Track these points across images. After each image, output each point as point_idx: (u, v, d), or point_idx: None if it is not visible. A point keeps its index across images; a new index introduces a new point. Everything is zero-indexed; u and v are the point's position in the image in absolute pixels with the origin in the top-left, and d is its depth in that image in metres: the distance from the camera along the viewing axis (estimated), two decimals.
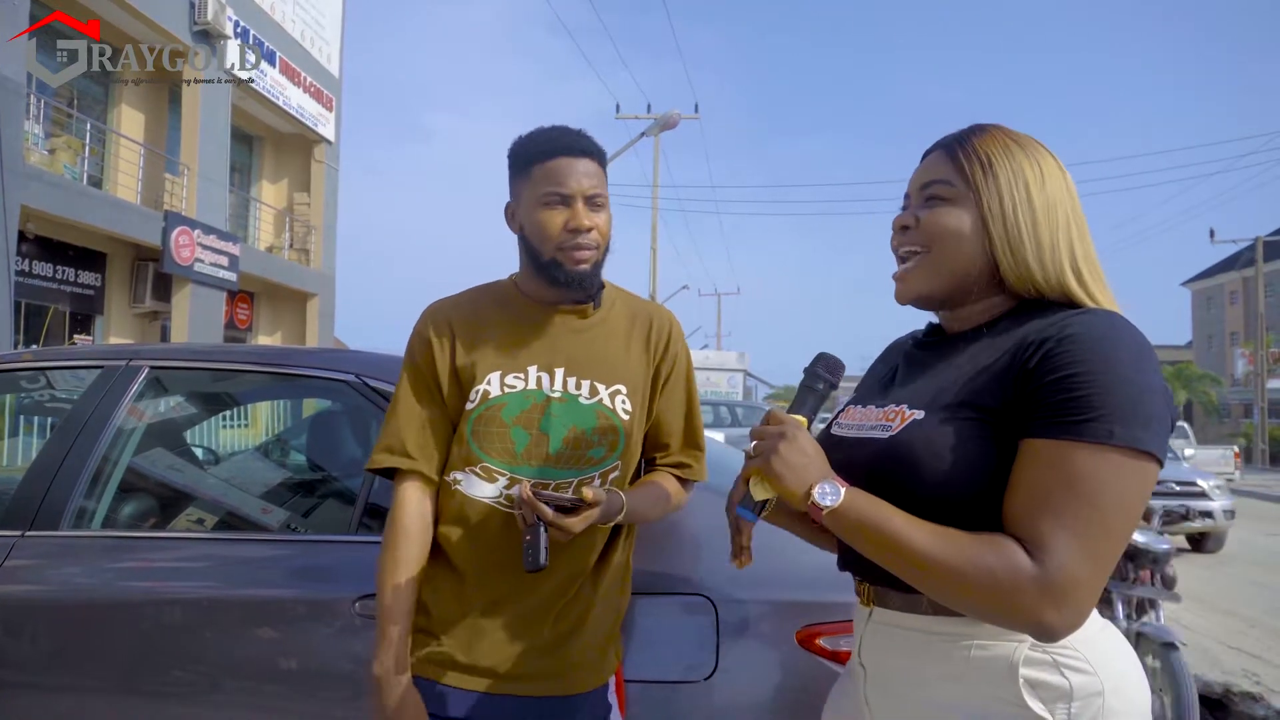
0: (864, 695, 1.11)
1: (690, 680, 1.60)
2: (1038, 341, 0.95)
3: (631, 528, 1.52)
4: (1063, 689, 0.95)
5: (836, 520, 0.96)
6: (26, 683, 1.82)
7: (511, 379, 1.42)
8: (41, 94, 11.98)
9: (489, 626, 1.39)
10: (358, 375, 1.96)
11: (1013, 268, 1.03)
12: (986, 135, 1.07)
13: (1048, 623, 0.87)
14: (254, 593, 1.79)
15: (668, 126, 17.22)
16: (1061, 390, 0.91)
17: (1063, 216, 1.04)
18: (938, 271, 1.07)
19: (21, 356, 2.33)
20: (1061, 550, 0.87)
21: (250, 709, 1.75)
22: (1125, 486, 0.89)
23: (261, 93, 14.99)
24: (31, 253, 11.74)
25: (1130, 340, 0.94)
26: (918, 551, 0.92)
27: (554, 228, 1.38)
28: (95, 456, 1.97)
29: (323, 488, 2.40)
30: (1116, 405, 0.89)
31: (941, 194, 1.06)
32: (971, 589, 0.89)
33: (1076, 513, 0.88)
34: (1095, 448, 0.88)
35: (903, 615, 1.05)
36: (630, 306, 1.53)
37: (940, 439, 0.98)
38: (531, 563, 1.25)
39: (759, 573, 1.67)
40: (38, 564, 1.88)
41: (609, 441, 1.42)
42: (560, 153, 1.38)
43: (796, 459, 0.99)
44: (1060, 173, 1.06)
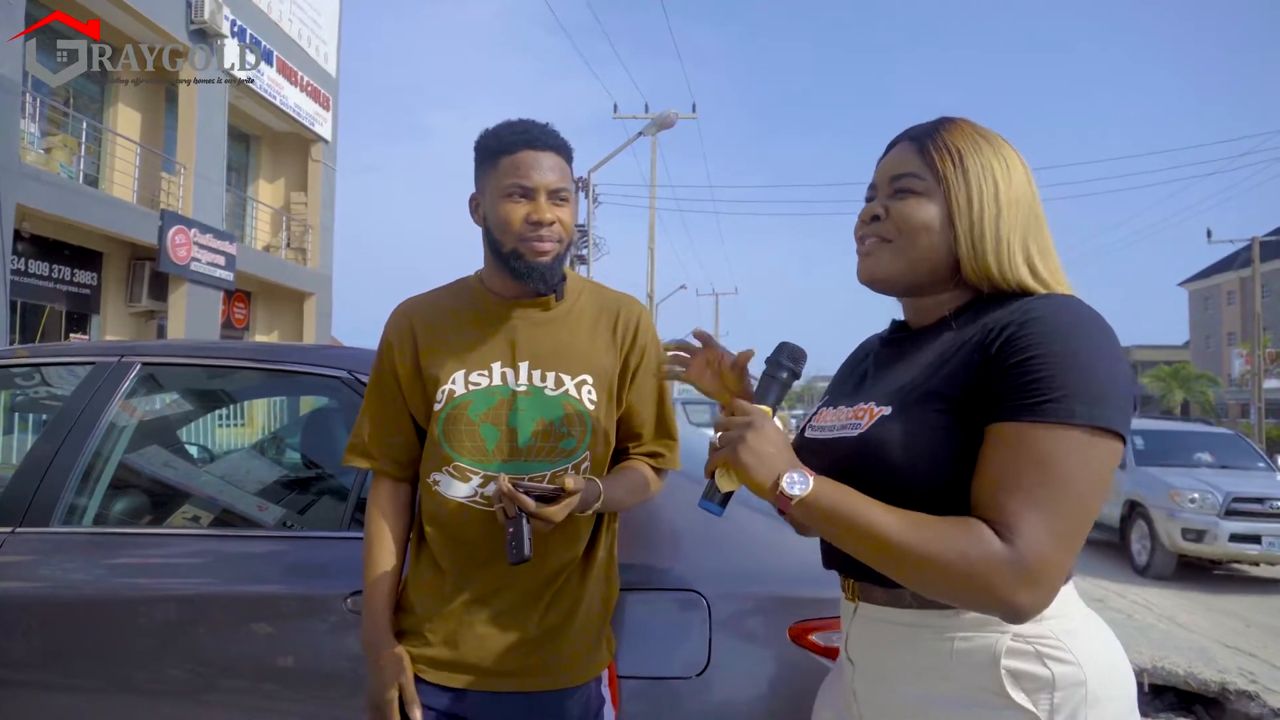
0: (852, 688, 1.11)
1: (683, 676, 1.59)
2: (999, 327, 0.97)
3: (613, 519, 1.53)
4: (1045, 679, 0.95)
5: (806, 510, 0.96)
6: (16, 680, 1.81)
7: (476, 376, 1.42)
8: (38, 93, 11.95)
9: (475, 623, 1.39)
10: (350, 372, 1.96)
11: (972, 262, 1.05)
12: (956, 129, 1.08)
13: (1020, 603, 0.88)
14: (246, 589, 1.78)
15: (665, 126, 17.22)
16: (1023, 373, 0.92)
17: (1024, 212, 1.05)
18: (902, 260, 1.08)
19: (16, 353, 2.32)
20: (1031, 530, 0.88)
21: (241, 707, 1.75)
22: (1090, 464, 0.90)
23: (258, 92, 14.97)
24: (27, 252, 11.70)
25: (1090, 322, 0.95)
26: (889, 538, 0.92)
27: (515, 220, 1.38)
28: (86, 453, 1.97)
29: (316, 485, 2.39)
30: (1077, 384, 0.90)
31: (912, 187, 1.07)
32: (945, 573, 0.89)
33: (1043, 493, 0.89)
34: (1058, 427, 0.90)
35: (887, 610, 1.06)
36: (597, 297, 1.53)
37: (908, 432, 0.99)
38: (516, 555, 1.25)
39: (751, 568, 1.69)
40: (28, 561, 1.87)
41: (577, 432, 1.42)
42: (525, 146, 1.38)
43: (764, 448, 0.98)
44: (1023, 168, 1.08)
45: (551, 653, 1.40)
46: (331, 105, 17.50)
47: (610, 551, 1.52)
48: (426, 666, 1.40)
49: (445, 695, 1.39)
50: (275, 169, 17.81)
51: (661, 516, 1.72)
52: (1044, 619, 0.97)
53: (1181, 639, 5.42)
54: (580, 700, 1.42)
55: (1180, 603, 6.94)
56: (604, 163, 18.31)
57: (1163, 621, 6.02)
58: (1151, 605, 6.75)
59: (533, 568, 1.39)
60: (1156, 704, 4.55)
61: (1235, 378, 39.97)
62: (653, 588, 1.65)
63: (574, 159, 1.46)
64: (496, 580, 1.40)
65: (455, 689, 1.39)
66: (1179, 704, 4.55)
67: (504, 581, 1.40)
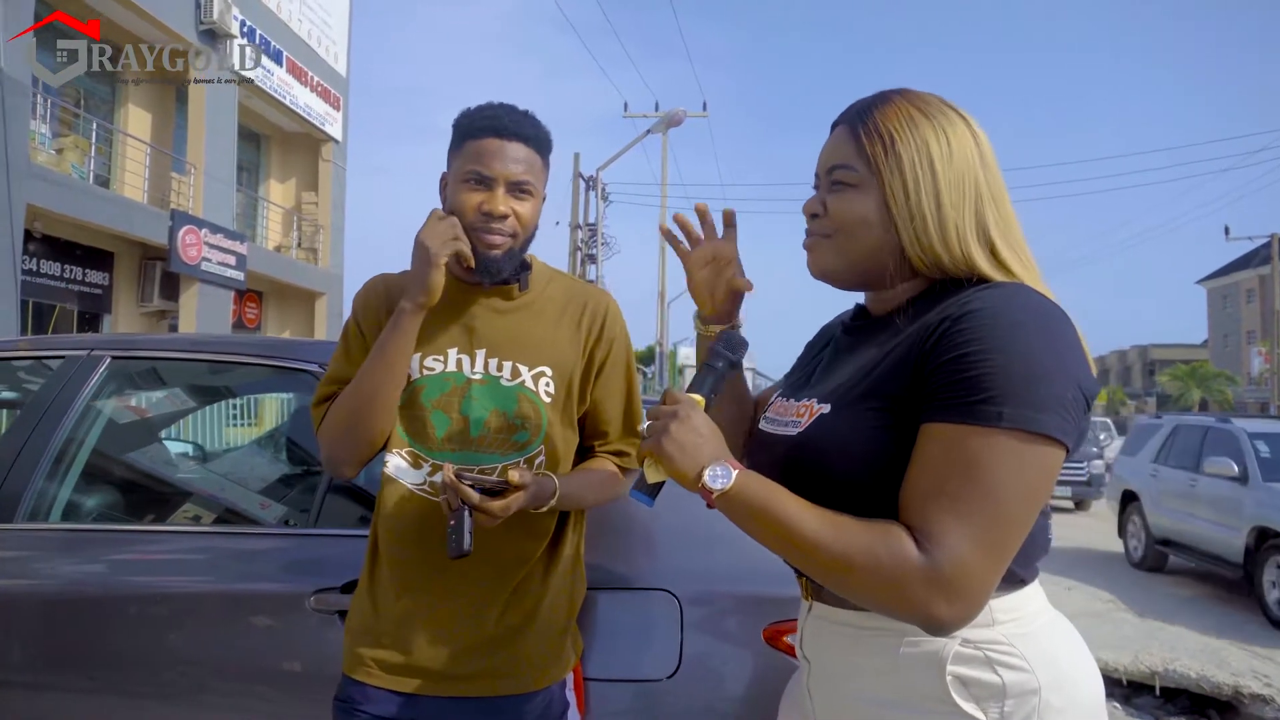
0: (807, 687, 1.08)
1: (652, 679, 1.54)
2: (937, 322, 0.90)
3: (580, 516, 1.47)
4: (995, 686, 0.90)
5: (727, 504, 0.91)
6: None
7: (431, 361, 1.37)
8: (48, 94, 12.03)
9: (428, 624, 1.34)
10: (320, 365, 1.92)
11: (917, 252, 0.97)
12: (889, 107, 1.00)
13: (937, 615, 0.82)
14: (211, 586, 1.75)
15: (674, 124, 17.17)
16: (955, 370, 0.86)
17: (970, 190, 0.97)
18: (843, 257, 1.02)
19: (18, 345, 2.29)
20: (950, 540, 0.82)
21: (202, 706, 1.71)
22: (1018, 472, 0.84)
23: (268, 92, 15.01)
24: (39, 252, 11.78)
25: (1031, 315, 0.88)
26: (806, 538, 0.87)
27: (469, 208, 1.33)
28: (53, 448, 1.93)
29: (286, 480, 2.35)
30: (1008, 385, 0.84)
31: (845, 179, 1.00)
32: (858, 578, 0.85)
33: (967, 500, 0.83)
34: (985, 430, 0.84)
35: (836, 610, 1.01)
36: (566, 289, 1.47)
37: (844, 432, 0.94)
38: (455, 549, 1.20)
39: (725, 567, 1.62)
40: None
41: (532, 425, 1.37)
42: (492, 132, 1.33)
43: (688, 439, 0.93)
44: (969, 137, 0.99)
45: (511, 655, 1.34)
46: (341, 105, 17.54)
47: (577, 549, 1.47)
48: (377, 669, 1.34)
49: (396, 700, 1.33)
50: (286, 169, 17.87)
51: (633, 513, 1.67)
52: (996, 623, 0.92)
53: (1192, 641, 5.31)
54: (541, 704, 1.36)
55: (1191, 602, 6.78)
56: (613, 160, 18.27)
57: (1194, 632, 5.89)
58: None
59: (490, 564, 1.34)
60: (1169, 708, 4.47)
61: (1255, 376, 39.46)
62: (623, 587, 1.59)
63: (550, 150, 1.40)
64: (451, 578, 1.34)
65: (406, 694, 1.33)
66: (1192, 708, 4.46)
67: (460, 580, 1.34)
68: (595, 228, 19.60)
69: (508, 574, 1.36)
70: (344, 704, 1.36)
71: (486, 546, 1.30)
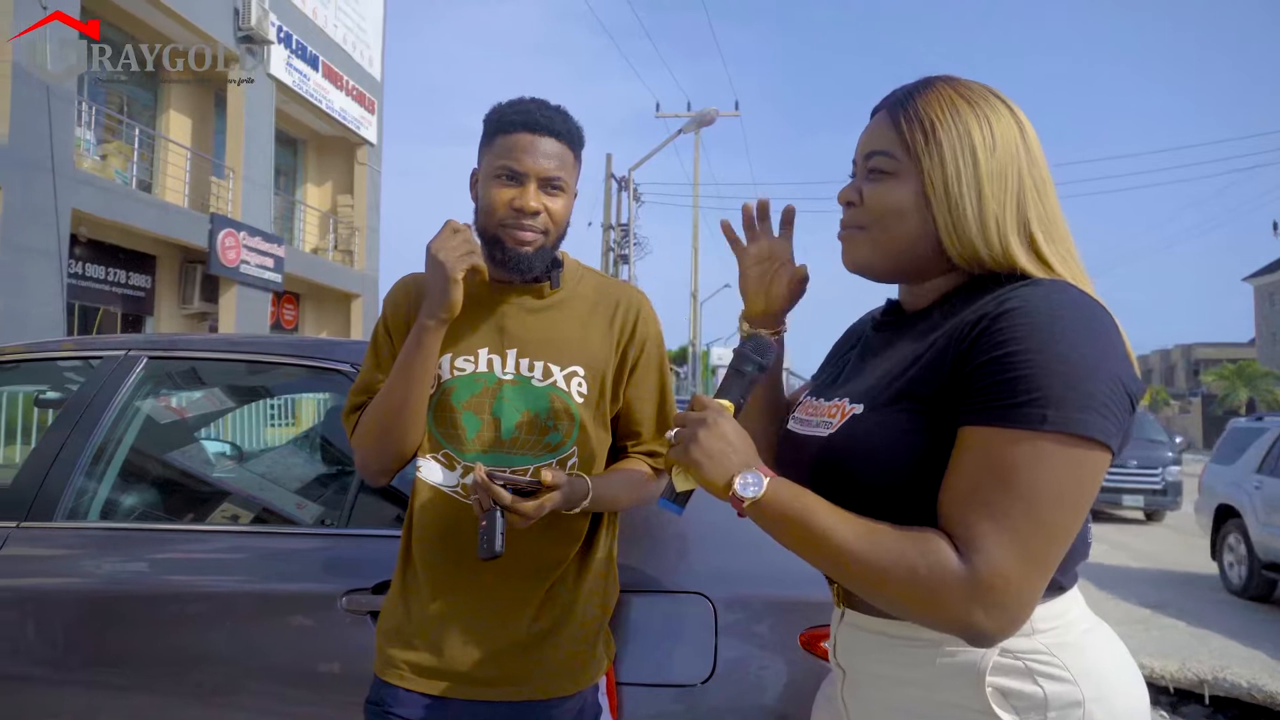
0: (841, 697, 1.04)
1: (686, 684, 1.51)
2: (974, 320, 0.86)
3: (613, 517, 1.44)
4: (1036, 698, 0.86)
5: (759, 513, 0.88)
6: (18, 674, 1.80)
7: (462, 361, 1.36)
8: (93, 101, 12.31)
9: (460, 627, 1.32)
10: (352, 365, 1.92)
11: (955, 244, 0.93)
12: (931, 94, 0.95)
13: (977, 625, 0.79)
14: (244, 586, 1.75)
15: (706, 123, 17.11)
16: (993, 372, 0.82)
17: (1013, 181, 0.92)
18: (878, 249, 0.98)
19: (62, 345, 2.33)
20: (991, 548, 0.79)
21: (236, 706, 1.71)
22: (1062, 477, 0.80)
23: (305, 96, 15.23)
24: (84, 256, 12.05)
25: (1074, 314, 0.83)
26: (841, 548, 0.84)
27: (500, 204, 1.31)
28: (91, 447, 1.95)
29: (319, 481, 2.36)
30: (1051, 386, 0.79)
31: (882, 167, 0.96)
32: (895, 588, 0.82)
33: (1008, 507, 0.79)
34: (1027, 434, 0.80)
35: (869, 618, 0.98)
36: (598, 287, 1.45)
37: (876, 434, 0.91)
38: (486, 550, 1.18)
39: (760, 570, 1.59)
40: (30, 556, 1.86)
41: (564, 426, 1.35)
42: (524, 128, 1.31)
43: (717, 446, 0.91)
44: (1014, 127, 0.94)
45: (542, 659, 1.32)
46: (376, 109, 17.74)
47: (609, 552, 1.44)
48: (409, 672, 1.33)
49: (427, 703, 1.32)
50: (322, 172, 18.12)
51: (666, 515, 1.63)
52: (1036, 632, 0.88)
53: (1240, 651, 5.15)
54: (573, 709, 1.34)
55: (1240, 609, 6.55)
56: (645, 160, 18.26)
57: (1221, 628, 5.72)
58: None
59: (523, 568, 1.32)
60: (1218, 718, 4.34)
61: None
62: (656, 590, 1.57)
63: (582, 145, 1.38)
64: (484, 581, 1.33)
65: (437, 696, 1.32)
66: (1242, 719, 4.33)
67: (492, 583, 1.32)
68: (628, 228, 19.60)
69: (540, 577, 1.34)
70: (375, 707, 1.35)
71: (519, 550, 1.28)
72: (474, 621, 1.33)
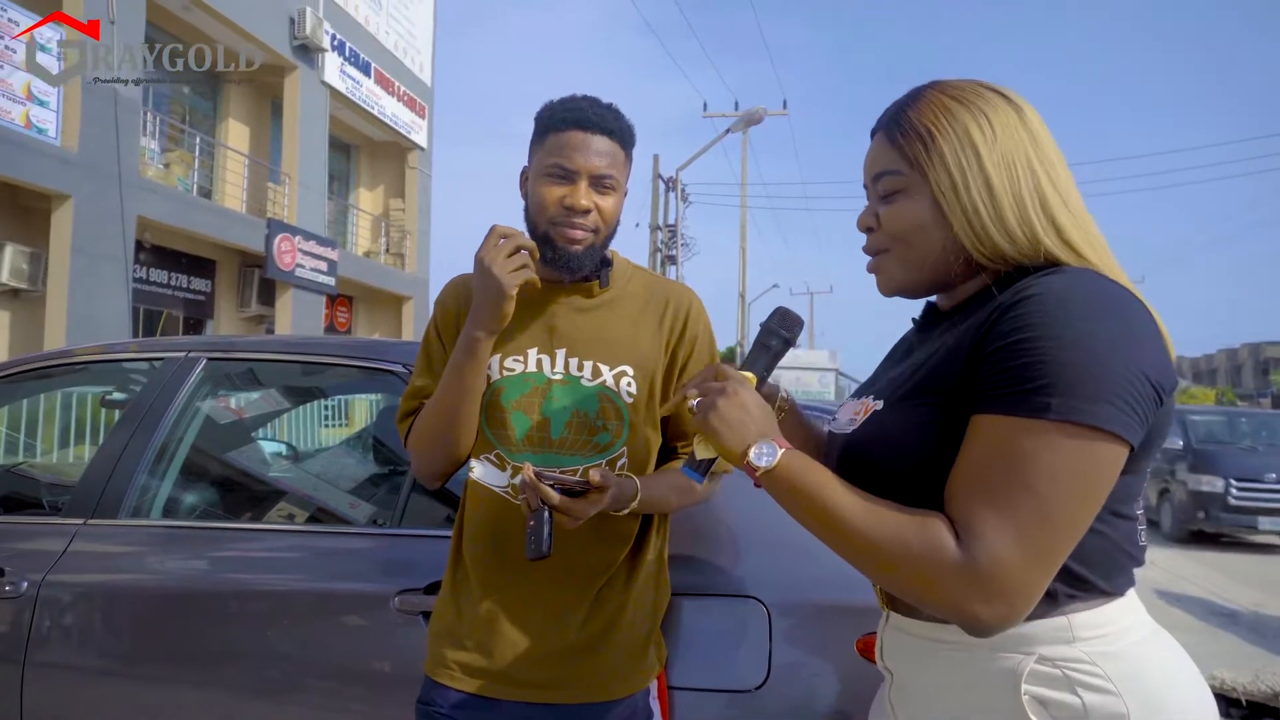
0: (889, 700, 1.03)
1: (741, 689, 1.48)
2: (994, 308, 0.85)
3: (664, 519, 1.42)
4: (1075, 709, 0.83)
5: (771, 483, 0.90)
6: (81, 667, 1.85)
7: (511, 361, 1.35)
8: (157, 111, 12.71)
9: (510, 629, 1.32)
10: (405, 366, 1.93)
11: (976, 244, 0.91)
12: (922, 103, 0.95)
13: (974, 614, 0.79)
14: (299, 585, 1.77)
15: (754, 122, 17.01)
16: (1004, 359, 0.81)
17: (1023, 169, 0.91)
18: (909, 268, 0.98)
19: (129, 347, 2.40)
20: (990, 537, 0.78)
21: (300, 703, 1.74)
22: (1069, 467, 0.78)
23: (357, 102, 15.52)
24: (148, 261, 12.45)
25: (1092, 300, 0.81)
26: (844, 522, 0.85)
27: (550, 201, 1.30)
28: (153, 447, 2.00)
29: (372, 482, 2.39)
30: (1060, 374, 0.78)
31: (892, 186, 0.96)
32: (894, 570, 0.83)
33: (1009, 496, 0.78)
34: (1032, 423, 0.79)
35: (911, 621, 0.97)
36: (648, 285, 1.43)
37: (893, 428, 0.92)
38: (534, 550, 1.17)
39: (815, 574, 1.55)
40: (97, 552, 1.91)
41: (614, 426, 1.33)
42: (576, 125, 1.30)
43: (735, 415, 0.92)
44: (1011, 114, 0.93)
45: (593, 662, 1.31)
46: (427, 113, 18.00)
47: (660, 555, 1.42)
48: (460, 672, 1.33)
49: (478, 704, 1.32)
50: (374, 177, 18.44)
51: (718, 517, 1.61)
52: (1077, 640, 0.85)
53: None
54: (624, 713, 1.32)
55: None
56: (692, 160, 18.22)
57: None
58: None
59: (573, 570, 1.31)
60: None
61: None
62: (709, 593, 1.54)
63: (633, 143, 1.37)
64: (534, 583, 1.32)
65: (487, 697, 1.31)
66: None
67: (542, 585, 1.32)
68: (675, 229, 19.57)
69: (590, 580, 1.33)
70: (426, 706, 1.35)
71: (568, 552, 1.28)
72: (524, 623, 1.32)
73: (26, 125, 9.64)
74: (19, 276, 10.09)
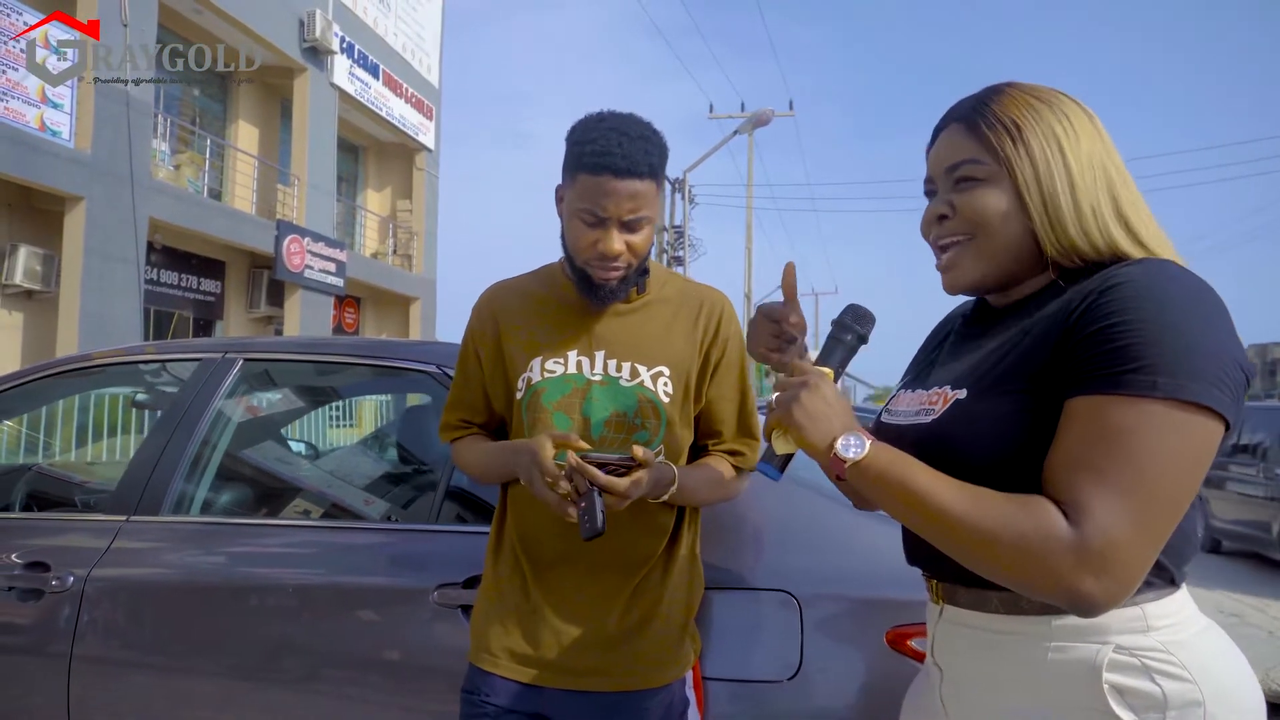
0: (940, 696, 1.03)
1: (773, 680, 1.52)
2: (1082, 295, 0.88)
3: (695, 514, 1.48)
4: (1155, 697, 0.85)
5: (860, 474, 0.90)
6: (126, 661, 1.89)
7: (551, 364, 1.40)
8: (168, 113, 12.79)
9: (553, 619, 1.37)
10: (439, 366, 1.98)
11: (1053, 241, 0.94)
12: (1006, 98, 0.97)
13: (1085, 592, 0.79)
14: (347, 580, 1.82)
15: (761, 124, 17.03)
16: (1102, 341, 0.83)
17: (1100, 171, 0.95)
18: (986, 257, 0.98)
19: (146, 349, 2.46)
20: (1101, 513, 0.79)
21: (341, 696, 1.78)
22: (1174, 444, 0.80)
23: (366, 104, 15.60)
24: (159, 262, 12.53)
25: (1184, 286, 0.85)
26: (944, 510, 0.85)
27: (584, 244, 1.34)
28: (193, 445, 2.05)
29: (408, 479, 2.43)
30: (1162, 354, 0.80)
31: (973, 174, 0.97)
32: (1001, 553, 0.82)
33: (1118, 473, 0.80)
34: (1137, 400, 0.80)
35: (972, 614, 0.97)
36: (682, 290, 1.48)
37: (983, 417, 0.92)
38: (589, 529, 1.21)
39: (845, 568, 1.60)
40: (140, 548, 1.96)
41: (652, 424, 1.39)
42: (607, 170, 1.29)
43: (819, 408, 0.93)
44: (1087, 120, 0.97)
45: (632, 651, 1.36)
46: (434, 115, 18.07)
47: (693, 548, 1.47)
48: (504, 659, 1.38)
49: (521, 691, 1.37)
50: (382, 178, 18.52)
51: (749, 514, 1.66)
52: (1151, 630, 0.87)
53: None
54: (663, 701, 1.37)
55: None
56: (699, 163, 18.25)
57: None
58: None
59: (613, 563, 1.36)
60: None
61: None
62: (741, 587, 1.59)
63: (665, 164, 1.37)
64: (575, 574, 1.38)
65: (533, 685, 1.36)
66: None
67: (583, 576, 1.37)
68: (681, 230, 19.61)
69: (629, 573, 1.38)
70: (470, 695, 1.40)
71: (609, 545, 1.32)
72: (567, 613, 1.37)
73: (41, 128, 9.72)
74: (32, 278, 10.17)
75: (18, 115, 9.42)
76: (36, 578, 1.92)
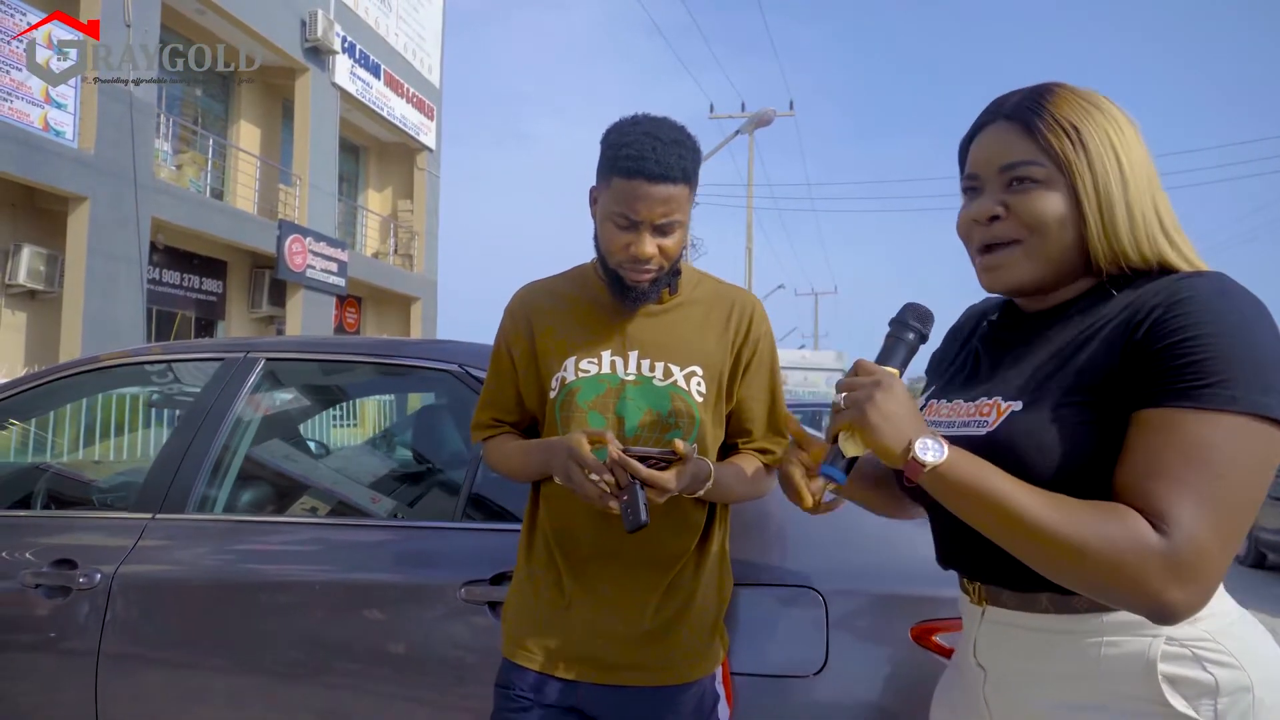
0: (983, 697, 1.03)
1: (799, 675, 1.55)
2: (1145, 309, 0.89)
3: (725, 512, 1.50)
4: (1207, 685, 0.87)
5: (938, 480, 0.88)
6: (153, 657, 1.91)
7: (586, 364, 1.42)
8: (170, 113, 12.80)
9: (588, 615, 1.39)
10: (461, 365, 2.00)
11: (1105, 246, 0.95)
12: (1061, 100, 0.96)
13: (1170, 601, 0.80)
14: (362, 577, 1.83)
15: (762, 124, 17.07)
16: (1175, 356, 0.85)
17: (1146, 178, 0.96)
18: (1038, 262, 0.98)
19: (151, 350, 2.47)
20: (1189, 523, 0.80)
21: (360, 691, 1.79)
22: (1253, 457, 0.83)
23: (367, 104, 15.61)
24: (161, 262, 12.53)
25: (1247, 302, 0.87)
26: (1030, 519, 0.84)
27: (616, 247, 1.36)
28: (217, 444, 2.06)
29: (430, 477, 2.45)
30: (1238, 369, 0.83)
31: (1031, 175, 0.96)
32: (1087, 562, 0.82)
33: (1200, 484, 0.82)
34: (1216, 415, 0.82)
35: (1019, 614, 0.98)
36: (714, 290, 1.50)
37: (1043, 430, 0.91)
38: (631, 521, 1.23)
39: (870, 564, 1.62)
40: (166, 545, 1.98)
41: (685, 423, 1.40)
42: (640, 174, 1.30)
43: (895, 409, 0.90)
44: (1133, 126, 0.98)
45: (666, 646, 1.38)
46: (435, 115, 18.08)
47: (723, 546, 1.49)
48: (541, 654, 1.40)
49: (556, 685, 1.39)
50: (383, 178, 18.53)
51: (773, 511, 1.68)
52: (1197, 620, 0.89)
53: None
54: (695, 695, 1.39)
55: None
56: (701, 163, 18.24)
57: None
58: None
59: (647, 560, 1.38)
60: None
61: None
62: (767, 583, 1.61)
63: (698, 168, 1.38)
64: (610, 571, 1.39)
65: (567, 680, 1.38)
66: None
67: (618, 573, 1.39)
68: None
69: (664, 569, 1.39)
70: (505, 689, 1.42)
71: (643, 542, 1.34)
72: (601, 609, 1.39)
73: (45, 128, 9.73)
74: (36, 278, 10.18)
75: (22, 115, 9.44)
76: (63, 575, 1.93)
